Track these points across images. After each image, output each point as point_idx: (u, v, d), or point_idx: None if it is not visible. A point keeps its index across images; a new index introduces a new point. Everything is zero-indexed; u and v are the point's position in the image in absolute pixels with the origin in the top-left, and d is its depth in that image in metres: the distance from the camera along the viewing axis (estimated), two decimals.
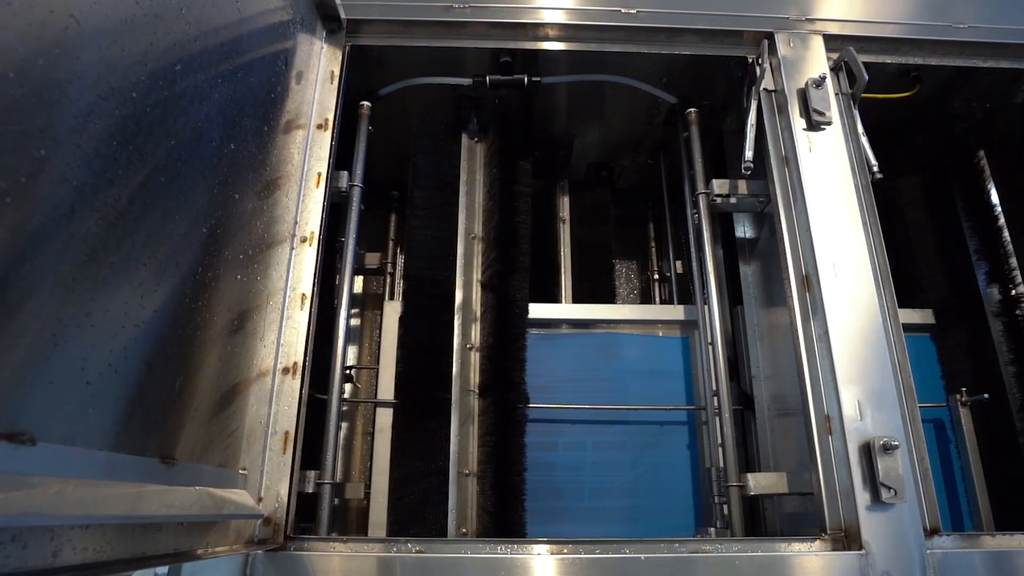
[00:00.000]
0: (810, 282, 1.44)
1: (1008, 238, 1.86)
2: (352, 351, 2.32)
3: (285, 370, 1.29)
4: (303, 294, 1.34)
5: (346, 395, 2.17)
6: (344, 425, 2.19)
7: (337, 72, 1.53)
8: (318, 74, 1.51)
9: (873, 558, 1.23)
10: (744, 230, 1.86)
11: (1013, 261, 1.84)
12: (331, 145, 1.48)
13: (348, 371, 2.10)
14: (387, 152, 2.17)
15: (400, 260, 2.22)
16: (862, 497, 1.26)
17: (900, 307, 1.99)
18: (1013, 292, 1.83)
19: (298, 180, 1.40)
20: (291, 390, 1.27)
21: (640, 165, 2.27)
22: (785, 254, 1.47)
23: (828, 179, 1.50)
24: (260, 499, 1.20)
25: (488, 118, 1.94)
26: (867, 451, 1.29)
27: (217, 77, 1.01)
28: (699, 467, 1.80)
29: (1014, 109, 1.92)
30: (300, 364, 1.30)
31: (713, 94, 1.89)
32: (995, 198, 1.94)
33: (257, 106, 1.17)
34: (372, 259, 2.15)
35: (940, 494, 1.79)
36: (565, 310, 1.89)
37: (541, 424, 1.80)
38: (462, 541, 1.29)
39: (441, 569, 1.21)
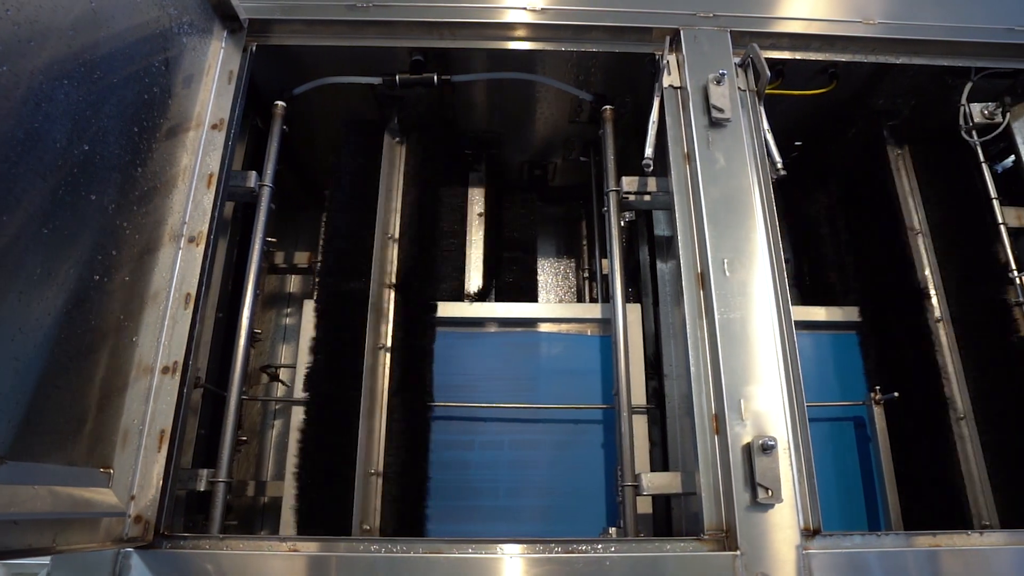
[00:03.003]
0: (704, 280, 1.43)
1: (931, 236, 1.84)
2: (289, 350, 2.33)
3: (165, 369, 1.29)
4: (188, 294, 1.35)
5: (279, 394, 2.21)
6: (277, 423, 2.20)
7: (236, 72, 1.53)
8: (216, 75, 1.51)
9: (748, 559, 1.22)
10: (663, 228, 1.85)
11: (934, 259, 1.81)
12: (227, 145, 1.48)
13: (275, 370, 2.12)
14: (322, 151, 2.18)
15: None
16: (741, 497, 1.26)
17: (828, 304, 1.99)
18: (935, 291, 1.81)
19: (187, 181, 1.40)
20: (170, 389, 1.28)
21: (573, 163, 2.26)
22: (679, 251, 1.46)
23: (726, 176, 1.49)
24: (132, 497, 1.21)
25: (411, 118, 1.94)
26: (748, 451, 1.28)
27: (62, 79, 1.01)
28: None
29: (952, 106, 1.87)
30: (181, 363, 1.30)
31: (637, 92, 1.88)
32: (921, 195, 1.92)
33: (124, 107, 1.17)
34: (301, 258, 2.16)
35: (857, 493, 1.79)
36: (485, 309, 1.89)
37: (458, 422, 1.80)
38: (341, 539, 1.29)
39: (311, 565, 1.22)
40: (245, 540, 1.25)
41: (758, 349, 1.36)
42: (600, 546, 1.25)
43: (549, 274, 2.38)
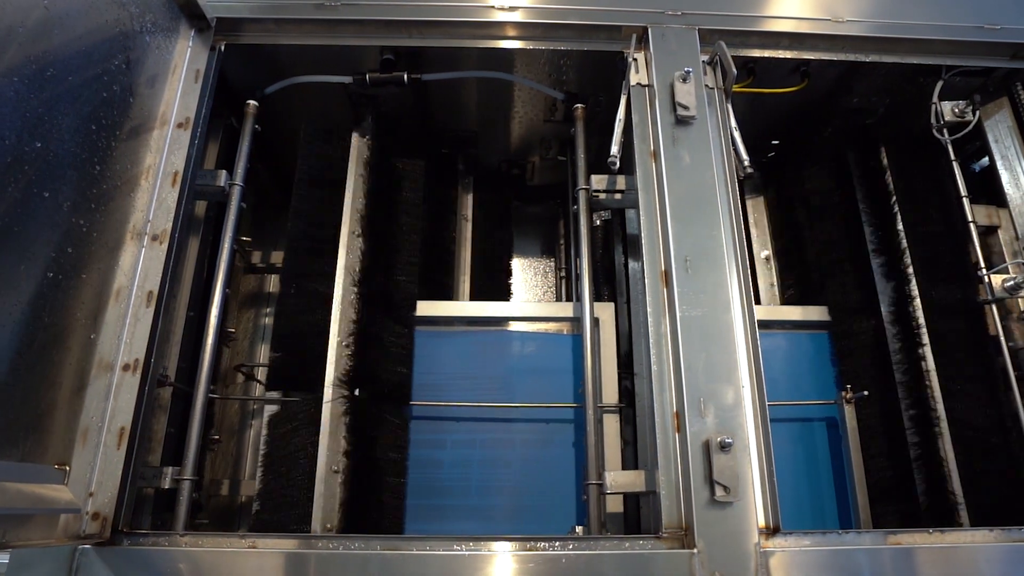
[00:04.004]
0: (668, 277, 1.42)
1: (903, 234, 1.83)
2: (267, 349, 2.33)
3: (126, 367, 1.30)
4: (151, 292, 1.35)
5: (257, 393, 2.21)
6: (255, 423, 2.20)
7: (202, 71, 1.54)
8: (182, 74, 1.52)
9: (704, 557, 1.22)
10: (634, 227, 1.85)
11: (907, 258, 1.80)
12: (193, 144, 1.48)
13: (250, 369, 2.12)
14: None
15: None
16: (700, 495, 1.26)
17: (800, 304, 1.99)
18: (906, 290, 1.80)
19: (151, 179, 1.41)
20: (130, 387, 1.28)
21: (551, 162, 2.26)
22: (641, 249, 1.46)
23: (691, 174, 1.49)
24: (91, 494, 1.21)
25: (383, 116, 1.94)
26: (707, 449, 1.28)
27: (11, 76, 1.02)
28: None
29: (926, 105, 1.86)
30: (143, 361, 1.31)
31: (611, 90, 1.88)
32: (895, 193, 1.91)
33: (80, 105, 1.18)
34: (279, 258, 2.16)
35: (828, 492, 1.78)
36: (457, 307, 1.89)
37: (429, 421, 1.80)
38: (299, 536, 1.29)
39: (270, 562, 1.22)
40: (204, 537, 1.26)
41: (720, 347, 1.36)
42: (558, 543, 1.25)
43: (528, 273, 2.38)
